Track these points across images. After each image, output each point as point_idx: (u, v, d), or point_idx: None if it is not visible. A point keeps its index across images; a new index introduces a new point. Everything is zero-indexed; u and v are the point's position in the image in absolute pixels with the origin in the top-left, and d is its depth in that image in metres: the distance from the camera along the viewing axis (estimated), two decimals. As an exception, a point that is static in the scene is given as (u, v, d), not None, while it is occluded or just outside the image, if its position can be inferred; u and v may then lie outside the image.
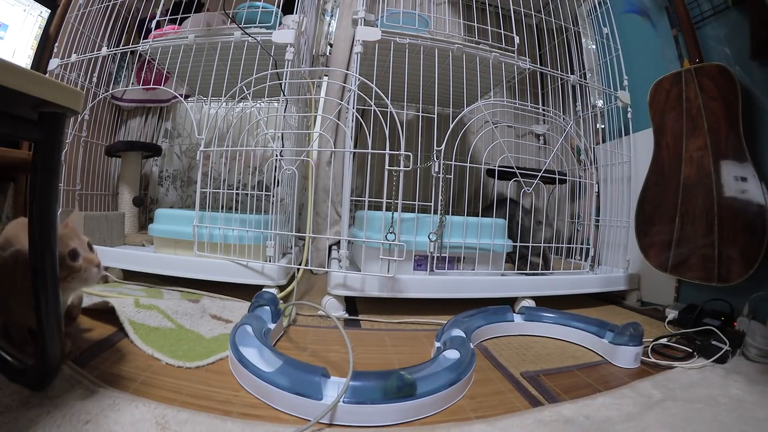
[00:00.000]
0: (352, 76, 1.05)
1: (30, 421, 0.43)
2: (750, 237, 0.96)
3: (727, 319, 0.95)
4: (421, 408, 0.54)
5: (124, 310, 0.77)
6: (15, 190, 1.39)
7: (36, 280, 0.46)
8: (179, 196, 1.99)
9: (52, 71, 1.32)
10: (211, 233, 1.06)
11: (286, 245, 1.27)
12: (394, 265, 0.96)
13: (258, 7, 1.14)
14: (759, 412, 0.59)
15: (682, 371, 0.74)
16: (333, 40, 1.81)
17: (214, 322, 0.85)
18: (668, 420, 0.55)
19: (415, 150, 1.08)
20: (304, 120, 1.38)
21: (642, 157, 1.30)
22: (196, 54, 1.22)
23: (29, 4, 1.39)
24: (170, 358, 0.64)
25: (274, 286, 1.04)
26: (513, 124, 1.78)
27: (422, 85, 1.25)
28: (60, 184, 0.91)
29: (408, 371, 0.56)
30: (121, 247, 1.27)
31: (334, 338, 0.82)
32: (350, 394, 0.51)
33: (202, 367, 0.63)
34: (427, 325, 0.97)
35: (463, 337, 0.72)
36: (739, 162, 1.00)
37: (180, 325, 0.79)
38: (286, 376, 0.54)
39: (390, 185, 0.94)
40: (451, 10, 1.80)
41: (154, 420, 0.47)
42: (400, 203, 0.96)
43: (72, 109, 0.47)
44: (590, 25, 1.53)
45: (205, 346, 0.71)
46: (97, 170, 1.69)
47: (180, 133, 2.02)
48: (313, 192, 1.33)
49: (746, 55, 1.02)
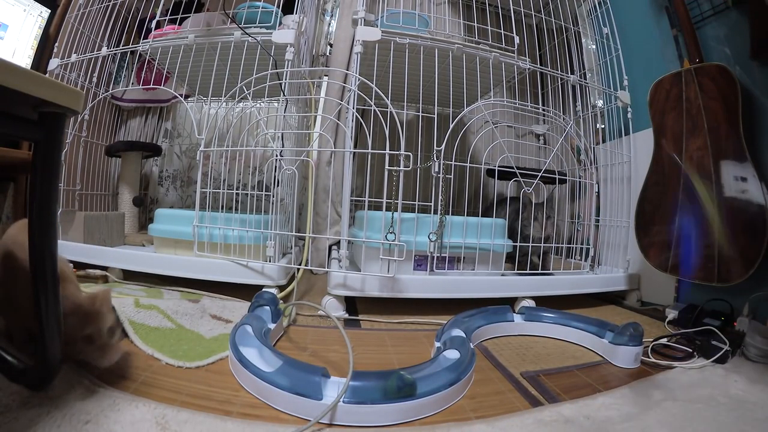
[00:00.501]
0: (352, 76, 1.05)
1: (30, 421, 0.43)
2: (750, 237, 0.96)
3: (727, 319, 0.95)
4: (422, 408, 0.54)
5: (124, 310, 0.77)
6: (15, 190, 1.39)
7: (36, 280, 0.46)
8: (179, 196, 1.99)
9: (52, 71, 1.32)
10: (211, 233, 1.06)
11: (286, 245, 1.27)
12: (394, 265, 0.96)
13: (258, 7, 1.14)
14: (759, 412, 0.59)
15: (682, 371, 0.74)
16: (333, 40, 1.81)
17: (214, 322, 0.85)
18: (668, 420, 0.55)
19: (415, 150, 1.09)
20: (304, 120, 1.38)
21: (642, 157, 1.30)
22: (196, 54, 1.22)
23: (29, 4, 1.39)
24: (170, 358, 0.64)
25: (274, 286, 1.04)
26: (513, 124, 1.78)
27: (422, 85, 1.25)
28: (60, 184, 0.91)
29: (408, 371, 0.56)
30: (121, 247, 1.27)
31: (334, 338, 0.82)
32: (350, 394, 0.51)
33: (202, 367, 0.63)
34: (427, 325, 0.97)
35: (463, 337, 0.72)
36: (739, 162, 1.00)
37: (180, 325, 0.79)
38: (286, 376, 0.54)
39: (390, 185, 0.94)
40: (451, 10, 1.80)
41: (154, 420, 0.47)
42: (400, 203, 0.96)
43: (72, 109, 0.47)
44: (590, 25, 1.53)
45: (205, 346, 0.71)
46: (97, 170, 1.69)
47: (180, 133, 2.02)
48: (313, 192, 1.32)
49: (746, 55, 1.02)
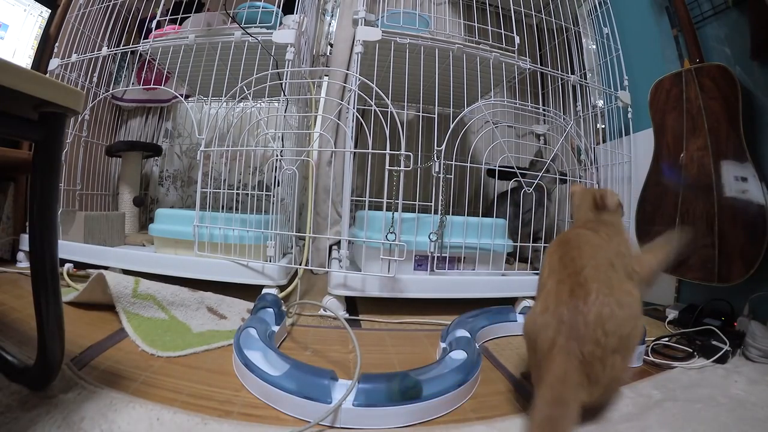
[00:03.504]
0: (352, 76, 1.05)
1: (30, 421, 0.43)
2: (750, 237, 0.96)
3: (727, 319, 0.95)
4: (430, 410, 0.54)
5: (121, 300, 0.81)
6: (15, 190, 1.39)
7: (36, 280, 0.46)
8: (180, 196, 1.99)
9: (52, 71, 1.32)
10: (212, 233, 1.06)
11: (287, 245, 1.26)
12: (395, 265, 0.96)
13: (258, 7, 1.14)
14: (759, 412, 0.59)
15: (683, 371, 0.74)
16: (333, 40, 1.81)
17: (208, 316, 0.87)
18: (668, 420, 0.55)
19: (415, 150, 1.09)
20: (304, 120, 1.38)
21: (642, 157, 1.30)
22: (197, 54, 1.22)
23: (29, 4, 1.39)
24: (147, 346, 0.67)
25: (275, 286, 1.04)
26: (513, 124, 1.77)
27: (423, 85, 1.24)
28: (60, 184, 0.92)
29: (415, 373, 0.56)
30: (121, 247, 1.27)
31: (335, 338, 0.82)
32: (359, 397, 0.52)
33: (172, 357, 0.65)
34: (427, 325, 0.97)
35: (469, 337, 0.72)
36: (739, 162, 1.00)
37: (172, 317, 0.82)
38: (294, 380, 0.54)
39: (390, 185, 0.94)
40: (451, 10, 1.80)
41: (148, 421, 0.47)
42: (400, 203, 0.96)
43: (72, 109, 0.47)
44: (590, 25, 1.52)
45: (187, 340, 0.73)
46: (98, 170, 1.69)
47: (180, 133, 2.02)
48: (314, 192, 1.32)
49: (746, 55, 1.02)
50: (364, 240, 0.98)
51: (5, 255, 1.33)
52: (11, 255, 1.33)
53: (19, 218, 1.37)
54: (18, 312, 0.79)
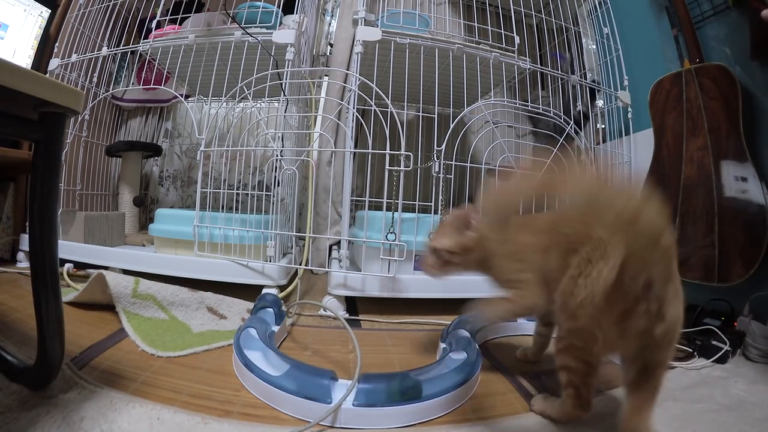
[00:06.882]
0: (352, 76, 1.05)
1: (30, 421, 0.43)
2: (750, 237, 0.96)
3: (727, 319, 0.95)
4: (430, 410, 0.54)
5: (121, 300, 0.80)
6: (15, 190, 1.39)
7: (36, 280, 0.46)
8: (179, 196, 1.99)
9: (52, 71, 1.32)
10: (212, 233, 1.06)
11: (287, 245, 1.26)
12: (395, 265, 0.96)
13: (258, 7, 1.14)
14: (759, 412, 0.59)
15: (683, 371, 0.74)
16: (333, 40, 1.81)
17: (208, 316, 0.87)
18: (668, 420, 0.55)
19: (415, 150, 1.08)
20: (304, 120, 1.38)
21: (642, 157, 1.30)
22: (197, 54, 1.22)
23: (29, 4, 1.39)
24: (147, 345, 0.67)
25: (275, 286, 1.04)
26: (513, 124, 1.77)
27: (422, 85, 1.24)
28: (60, 184, 0.92)
29: (415, 373, 0.56)
30: (121, 247, 1.27)
31: (335, 338, 0.82)
32: (359, 397, 0.52)
33: (172, 357, 0.65)
34: (427, 325, 0.97)
35: (469, 337, 0.72)
36: (739, 162, 1.00)
37: (173, 317, 0.82)
38: (294, 380, 0.54)
39: (390, 185, 0.94)
40: (451, 10, 1.80)
41: (149, 421, 0.47)
42: (400, 203, 0.96)
43: (72, 109, 0.47)
44: (590, 25, 1.52)
45: (187, 339, 0.73)
46: (98, 170, 1.69)
47: (180, 133, 2.02)
48: (314, 192, 1.32)
49: (746, 55, 1.02)
50: (364, 240, 0.98)
51: (5, 255, 1.33)
52: (11, 255, 1.33)
53: (19, 218, 1.37)
54: (18, 312, 0.79)
